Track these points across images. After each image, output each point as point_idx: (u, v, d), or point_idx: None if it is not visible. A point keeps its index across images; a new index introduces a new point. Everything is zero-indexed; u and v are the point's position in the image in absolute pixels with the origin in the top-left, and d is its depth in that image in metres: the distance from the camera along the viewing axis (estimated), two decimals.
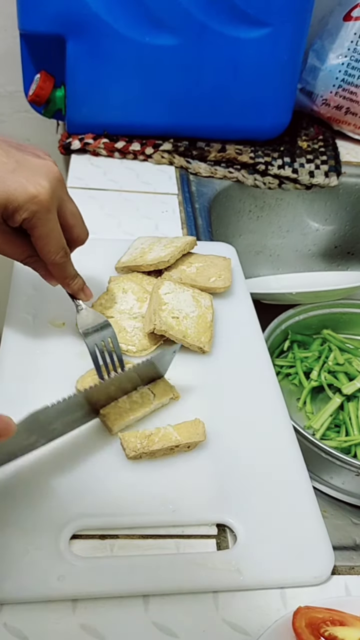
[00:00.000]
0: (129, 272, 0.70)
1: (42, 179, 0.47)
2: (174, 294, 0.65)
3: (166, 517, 0.48)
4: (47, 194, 0.47)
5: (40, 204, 0.47)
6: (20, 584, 0.43)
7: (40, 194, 0.47)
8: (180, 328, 0.61)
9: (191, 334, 0.62)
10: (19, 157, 0.48)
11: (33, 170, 0.48)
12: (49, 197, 0.48)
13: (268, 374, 0.63)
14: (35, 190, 0.47)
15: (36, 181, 0.47)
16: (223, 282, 0.70)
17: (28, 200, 0.47)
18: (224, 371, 0.62)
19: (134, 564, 0.45)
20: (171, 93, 0.95)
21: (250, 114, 0.99)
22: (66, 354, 0.60)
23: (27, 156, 0.49)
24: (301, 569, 0.47)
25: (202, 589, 0.45)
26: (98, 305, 0.65)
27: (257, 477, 0.52)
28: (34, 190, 0.47)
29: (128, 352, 0.61)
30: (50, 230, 0.49)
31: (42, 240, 0.50)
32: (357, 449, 0.79)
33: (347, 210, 1.09)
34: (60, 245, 0.51)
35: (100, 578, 0.44)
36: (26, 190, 0.46)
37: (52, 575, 0.44)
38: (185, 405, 0.57)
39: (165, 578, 0.45)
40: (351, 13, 1.03)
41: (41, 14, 0.86)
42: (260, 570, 0.46)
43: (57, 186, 0.49)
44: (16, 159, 0.48)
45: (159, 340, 0.63)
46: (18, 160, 0.48)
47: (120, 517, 0.48)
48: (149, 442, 0.51)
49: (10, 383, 0.57)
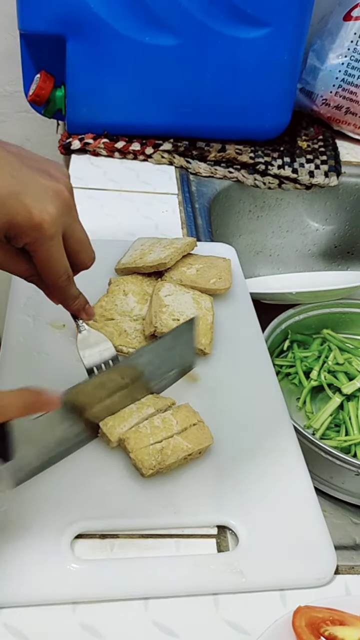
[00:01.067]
0: (129, 274, 0.70)
1: (48, 205, 0.45)
2: (175, 296, 0.65)
3: (168, 519, 0.48)
4: (51, 221, 0.45)
5: (43, 232, 0.45)
6: (21, 587, 0.43)
7: (44, 222, 0.45)
8: None
9: None
10: (29, 177, 0.46)
11: (40, 194, 0.45)
12: (52, 224, 0.45)
13: (268, 375, 0.63)
14: (40, 217, 0.45)
15: (42, 207, 0.45)
16: (223, 284, 0.69)
17: (31, 227, 0.45)
18: (225, 372, 0.62)
19: (135, 567, 0.45)
20: (171, 93, 0.95)
21: (250, 114, 0.99)
22: (66, 355, 0.60)
23: (37, 176, 0.46)
24: (303, 571, 0.47)
25: (204, 591, 0.45)
26: (99, 307, 0.65)
27: (258, 477, 0.52)
28: (38, 218, 0.44)
29: (129, 355, 0.61)
30: (52, 255, 0.48)
31: (44, 265, 0.48)
32: (357, 448, 0.79)
33: (347, 210, 1.09)
34: (62, 270, 0.49)
35: (101, 581, 0.44)
36: (30, 216, 0.44)
37: (53, 578, 0.44)
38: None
39: (167, 581, 0.45)
40: (351, 13, 1.03)
41: (41, 14, 0.86)
42: (263, 572, 0.46)
43: (64, 212, 0.47)
44: (24, 180, 0.45)
45: None
46: (26, 181, 0.45)
47: (122, 519, 0.48)
48: (163, 457, 0.50)
49: (10, 385, 0.56)
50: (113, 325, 0.63)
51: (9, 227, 0.45)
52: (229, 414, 0.57)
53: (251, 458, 0.54)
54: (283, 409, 0.59)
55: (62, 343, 0.62)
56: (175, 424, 0.52)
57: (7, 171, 0.44)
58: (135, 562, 0.46)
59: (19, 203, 0.44)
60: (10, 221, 0.44)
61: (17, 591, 0.43)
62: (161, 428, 0.52)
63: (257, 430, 0.56)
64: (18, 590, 0.43)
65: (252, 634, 0.43)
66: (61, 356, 0.60)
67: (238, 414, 0.57)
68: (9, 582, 0.43)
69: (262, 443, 0.55)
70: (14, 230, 0.45)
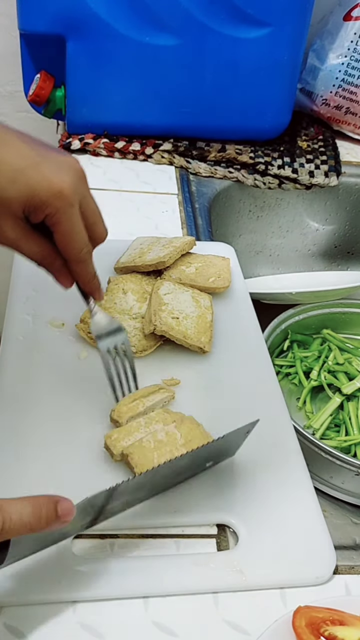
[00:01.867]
0: (128, 273, 0.70)
1: (65, 174, 0.47)
2: (174, 294, 0.65)
3: (167, 518, 0.48)
4: (70, 189, 0.46)
5: (65, 199, 0.46)
6: (22, 586, 0.43)
7: (64, 189, 0.46)
8: (180, 328, 0.61)
9: (191, 334, 0.62)
10: (43, 151, 0.47)
11: (57, 165, 0.47)
12: (72, 193, 0.47)
13: (268, 374, 0.63)
14: (59, 185, 0.46)
15: (60, 176, 0.46)
16: (222, 282, 0.70)
17: (52, 195, 0.46)
18: (224, 371, 0.62)
19: (135, 566, 0.45)
20: (171, 93, 0.95)
21: (250, 114, 0.99)
22: (66, 354, 0.61)
23: (50, 152, 0.48)
24: (303, 569, 0.47)
25: (204, 590, 0.45)
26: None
27: (258, 476, 0.52)
28: (57, 186, 0.46)
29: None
30: (74, 225, 0.48)
31: (66, 237, 0.48)
32: (357, 448, 0.79)
33: (347, 210, 1.09)
34: (84, 242, 0.50)
35: (101, 580, 0.44)
36: (50, 184, 0.46)
37: (53, 578, 0.44)
38: (185, 405, 0.57)
39: (167, 580, 0.45)
40: (351, 13, 1.03)
41: (41, 14, 0.86)
42: (263, 570, 0.46)
43: (80, 182, 0.48)
44: (40, 153, 0.47)
45: (158, 340, 0.63)
46: (42, 154, 0.47)
47: (122, 518, 0.48)
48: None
49: (10, 383, 0.57)
50: None
51: (31, 197, 0.46)
52: (229, 414, 0.57)
53: (251, 457, 0.54)
54: (283, 408, 0.59)
55: (62, 342, 0.62)
56: (179, 437, 0.52)
57: (24, 146, 0.46)
58: (135, 560, 0.46)
59: (38, 173, 0.45)
60: (32, 191, 0.45)
61: (17, 590, 0.43)
62: (165, 442, 0.51)
63: (257, 430, 0.56)
64: (18, 590, 0.43)
65: (252, 634, 0.43)
66: (61, 355, 0.60)
67: (238, 414, 0.57)
68: (9, 581, 0.43)
69: (262, 442, 0.55)
70: (36, 201, 0.46)
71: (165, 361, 0.62)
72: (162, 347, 0.63)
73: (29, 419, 0.54)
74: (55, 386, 0.57)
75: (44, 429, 0.54)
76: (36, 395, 0.56)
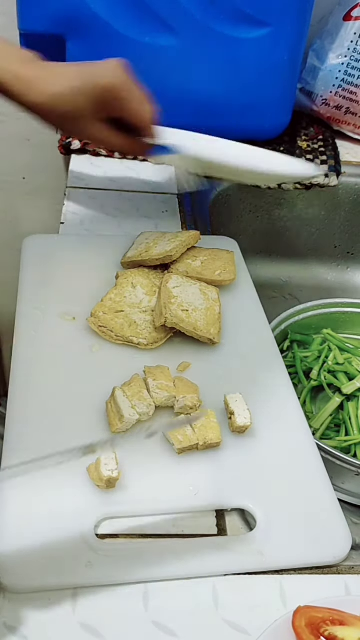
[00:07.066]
0: (135, 267, 0.71)
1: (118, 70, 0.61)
2: (182, 287, 0.66)
3: (188, 501, 0.50)
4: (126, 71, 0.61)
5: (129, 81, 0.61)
6: (22, 574, 0.43)
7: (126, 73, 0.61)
8: (190, 321, 0.63)
9: (201, 326, 0.63)
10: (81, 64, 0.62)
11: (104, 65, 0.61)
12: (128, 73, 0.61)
13: (277, 362, 0.65)
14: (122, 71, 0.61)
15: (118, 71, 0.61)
16: (229, 275, 0.71)
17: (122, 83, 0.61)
18: (234, 361, 0.63)
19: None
20: (171, 93, 0.94)
21: (250, 114, 0.99)
22: (78, 347, 0.62)
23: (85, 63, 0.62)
24: (321, 549, 0.48)
25: (224, 571, 0.46)
26: (108, 299, 0.66)
27: (272, 461, 0.54)
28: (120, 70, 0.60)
29: (140, 345, 0.62)
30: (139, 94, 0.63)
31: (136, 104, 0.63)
32: (357, 448, 0.79)
33: (347, 210, 1.09)
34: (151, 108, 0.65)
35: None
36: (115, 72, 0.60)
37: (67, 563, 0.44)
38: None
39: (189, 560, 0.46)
40: (351, 13, 1.03)
41: (41, 14, 0.86)
42: (281, 551, 0.48)
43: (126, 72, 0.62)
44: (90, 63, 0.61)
45: (169, 332, 0.64)
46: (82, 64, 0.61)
47: (144, 502, 0.49)
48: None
49: (24, 377, 0.58)
50: (123, 317, 0.64)
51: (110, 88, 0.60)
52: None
53: (264, 442, 0.56)
54: (293, 395, 0.61)
55: (74, 335, 0.63)
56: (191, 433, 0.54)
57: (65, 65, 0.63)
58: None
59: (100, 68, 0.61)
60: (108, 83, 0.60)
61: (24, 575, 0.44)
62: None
63: (270, 417, 0.58)
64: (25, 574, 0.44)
65: (252, 634, 0.43)
66: (73, 348, 0.62)
67: (250, 401, 0.58)
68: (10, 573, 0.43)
69: (273, 428, 0.57)
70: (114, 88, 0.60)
71: (176, 353, 0.63)
72: (172, 339, 0.64)
73: (43, 412, 0.55)
74: (69, 379, 0.59)
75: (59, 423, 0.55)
76: (50, 388, 0.58)
